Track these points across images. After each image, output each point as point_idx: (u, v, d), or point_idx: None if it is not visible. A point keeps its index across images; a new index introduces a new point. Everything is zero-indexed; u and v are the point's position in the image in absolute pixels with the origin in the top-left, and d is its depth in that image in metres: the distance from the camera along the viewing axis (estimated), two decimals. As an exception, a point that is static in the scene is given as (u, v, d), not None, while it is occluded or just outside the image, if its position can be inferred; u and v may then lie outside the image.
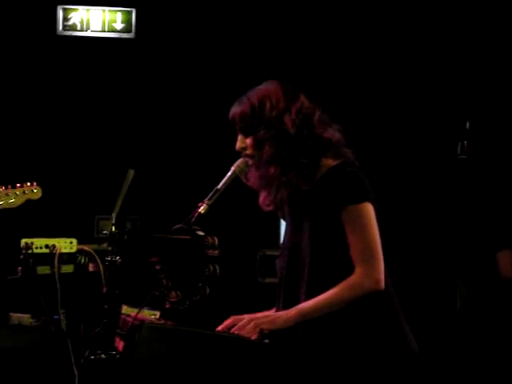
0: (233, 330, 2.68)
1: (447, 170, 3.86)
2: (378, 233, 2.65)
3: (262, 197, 2.83)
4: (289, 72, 5.47)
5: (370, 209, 2.65)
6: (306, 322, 2.65)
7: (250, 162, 2.81)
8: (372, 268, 2.61)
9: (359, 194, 2.65)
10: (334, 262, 2.67)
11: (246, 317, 2.73)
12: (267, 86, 2.80)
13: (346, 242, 2.65)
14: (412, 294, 5.41)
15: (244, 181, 2.84)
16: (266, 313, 2.83)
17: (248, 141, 2.78)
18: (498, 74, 5.63)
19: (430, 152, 5.61)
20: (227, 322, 2.75)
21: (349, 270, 2.63)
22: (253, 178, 2.82)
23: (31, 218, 4.76)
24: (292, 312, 2.65)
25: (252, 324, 2.64)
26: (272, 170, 2.74)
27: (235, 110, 2.80)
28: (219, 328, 2.75)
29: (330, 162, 2.73)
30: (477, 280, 4.09)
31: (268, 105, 2.74)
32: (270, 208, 2.83)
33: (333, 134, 2.77)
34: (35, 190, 3.98)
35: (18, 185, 3.96)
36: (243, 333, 2.63)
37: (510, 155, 4.55)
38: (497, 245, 4.03)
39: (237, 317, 2.75)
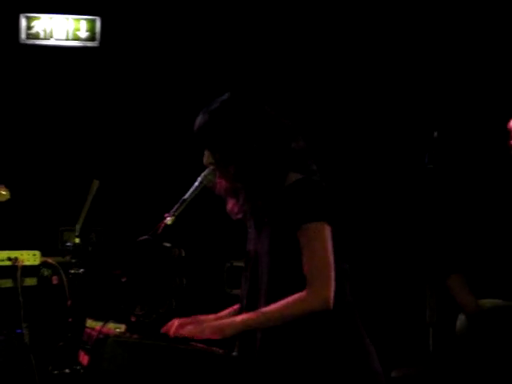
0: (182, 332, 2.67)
1: (415, 180, 3.89)
2: (330, 253, 2.64)
3: (231, 204, 2.82)
4: (254, 86, 5.49)
5: (324, 228, 2.65)
6: (266, 335, 2.66)
7: (218, 174, 2.79)
8: (321, 286, 2.62)
9: (316, 212, 2.65)
10: (291, 275, 2.68)
11: (190, 320, 2.74)
12: (229, 98, 2.78)
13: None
14: (381, 306, 5.44)
15: (212, 189, 2.82)
16: (210, 316, 2.84)
17: (214, 158, 2.77)
18: (464, 83, 5.68)
19: (398, 161, 5.65)
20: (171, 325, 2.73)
21: (305, 283, 2.64)
22: (220, 187, 2.80)
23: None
24: (237, 320, 2.66)
25: (198, 330, 2.64)
26: (238, 186, 2.75)
27: (199, 124, 2.78)
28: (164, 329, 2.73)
29: (293, 177, 2.72)
30: (446, 292, 4.10)
31: (230, 119, 2.72)
32: (239, 216, 2.82)
33: (296, 146, 2.76)
34: (4, 192, 3.95)
35: None
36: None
37: (473, 170, 4.60)
38: (447, 269, 4.07)
39: (181, 320, 2.75)
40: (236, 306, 2.88)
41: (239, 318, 2.66)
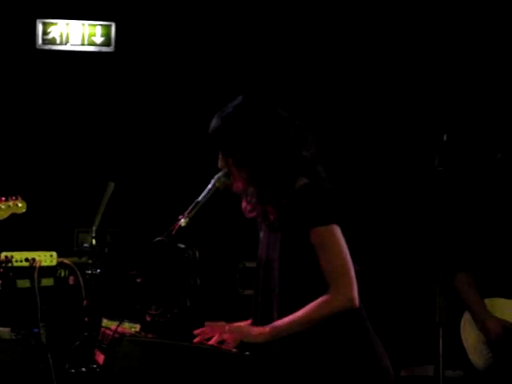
0: (211, 341, 2.68)
1: (425, 182, 3.90)
2: (347, 252, 2.67)
3: (245, 202, 2.83)
4: (267, 87, 5.50)
5: (337, 230, 2.67)
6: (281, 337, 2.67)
7: (231, 177, 2.82)
8: (344, 286, 2.63)
9: (326, 216, 2.67)
10: (303, 279, 2.70)
11: (222, 325, 2.74)
12: (243, 103, 2.79)
13: (314, 261, 2.67)
14: (391, 306, 5.44)
15: (228, 188, 2.84)
16: (240, 324, 2.84)
17: (227, 161, 2.79)
18: (474, 86, 5.68)
19: (408, 164, 5.65)
20: (202, 330, 2.74)
21: (318, 288, 2.66)
22: (235, 185, 2.82)
23: (11, 231, 4.74)
24: (266, 329, 2.66)
25: (227, 335, 2.66)
26: (250, 189, 2.77)
27: (213, 128, 2.80)
28: (197, 332, 2.75)
29: (301, 181, 2.74)
30: (455, 291, 4.12)
31: (243, 124, 2.74)
32: (253, 214, 2.83)
33: (308, 151, 2.77)
34: (20, 204, 3.98)
35: (3, 198, 3.94)
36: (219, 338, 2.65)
37: (482, 171, 4.60)
38: (454, 267, 4.08)
39: (212, 324, 2.76)
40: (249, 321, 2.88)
41: (267, 327, 2.66)
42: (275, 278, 2.74)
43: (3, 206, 3.91)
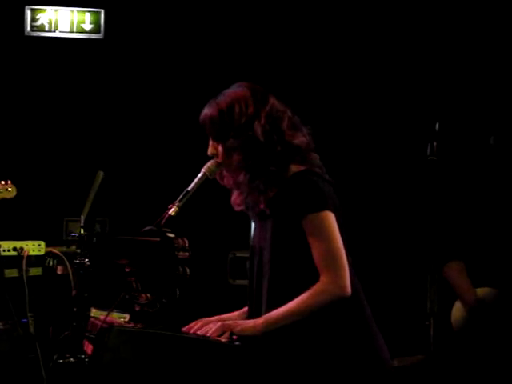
0: (200, 332, 2.68)
1: (417, 171, 3.91)
2: (339, 239, 2.65)
3: (234, 196, 2.84)
4: (260, 76, 5.49)
5: (330, 216, 2.65)
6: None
7: (221, 165, 2.81)
8: (336, 274, 2.61)
9: (318, 202, 2.65)
10: (293, 268, 2.68)
11: (214, 319, 2.75)
12: (237, 90, 2.79)
13: (306, 249, 2.66)
14: (382, 294, 5.45)
15: (218, 179, 2.84)
16: (233, 314, 2.86)
17: (218, 147, 2.78)
18: (466, 75, 5.69)
19: (400, 153, 5.66)
20: (194, 325, 2.74)
21: (308, 276, 2.64)
22: (225, 178, 2.82)
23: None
24: (260, 321, 2.66)
25: (220, 327, 2.65)
26: (241, 178, 2.75)
27: (205, 114, 2.79)
28: (184, 329, 2.74)
29: (294, 169, 2.73)
30: (446, 281, 4.13)
31: (237, 110, 2.73)
32: (241, 207, 2.83)
33: (302, 139, 2.76)
34: (10, 189, 3.97)
35: None
36: (210, 334, 2.64)
37: (475, 161, 4.61)
38: (445, 256, 4.09)
39: (204, 320, 2.75)
40: (245, 309, 2.88)
41: (260, 319, 2.65)
42: (266, 266, 2.72)
43: None
